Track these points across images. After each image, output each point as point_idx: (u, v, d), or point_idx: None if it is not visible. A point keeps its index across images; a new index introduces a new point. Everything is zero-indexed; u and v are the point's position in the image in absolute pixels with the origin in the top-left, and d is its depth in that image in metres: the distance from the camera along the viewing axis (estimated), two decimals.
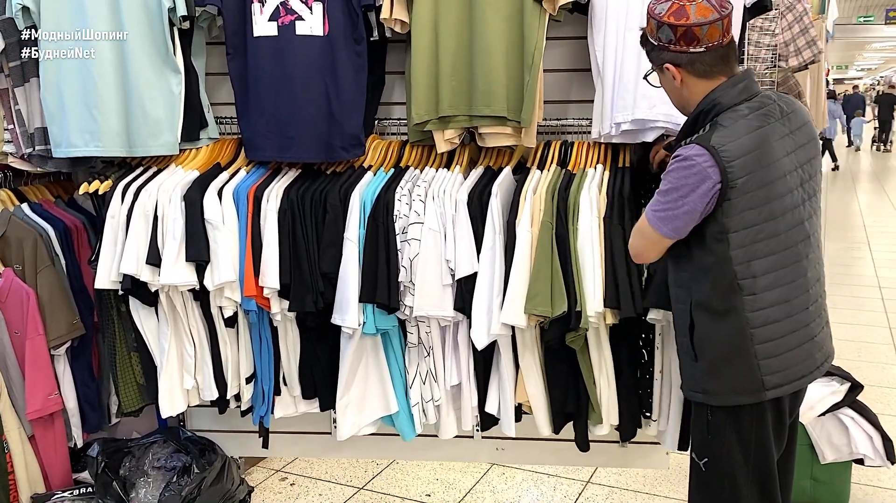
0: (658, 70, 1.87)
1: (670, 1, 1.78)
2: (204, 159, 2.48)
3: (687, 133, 1.83)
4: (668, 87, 1.89)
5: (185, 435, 2.79)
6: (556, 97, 2.50)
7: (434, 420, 2.46)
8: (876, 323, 5.10)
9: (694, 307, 1.84)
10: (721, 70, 1.80)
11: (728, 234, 1.75)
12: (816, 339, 1.88)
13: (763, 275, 1.78)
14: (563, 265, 2.18)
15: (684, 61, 1.79)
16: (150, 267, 2.28)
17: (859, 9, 18.99)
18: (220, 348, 2.45)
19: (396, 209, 2.28)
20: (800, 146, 1.82)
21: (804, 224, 1.83)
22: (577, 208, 2.20)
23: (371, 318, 2.29)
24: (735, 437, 1.87)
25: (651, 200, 1.83)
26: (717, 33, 1.77)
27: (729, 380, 1.84)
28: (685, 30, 1.76)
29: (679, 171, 1.75)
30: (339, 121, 2.34)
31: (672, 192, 1.76)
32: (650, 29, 1.83)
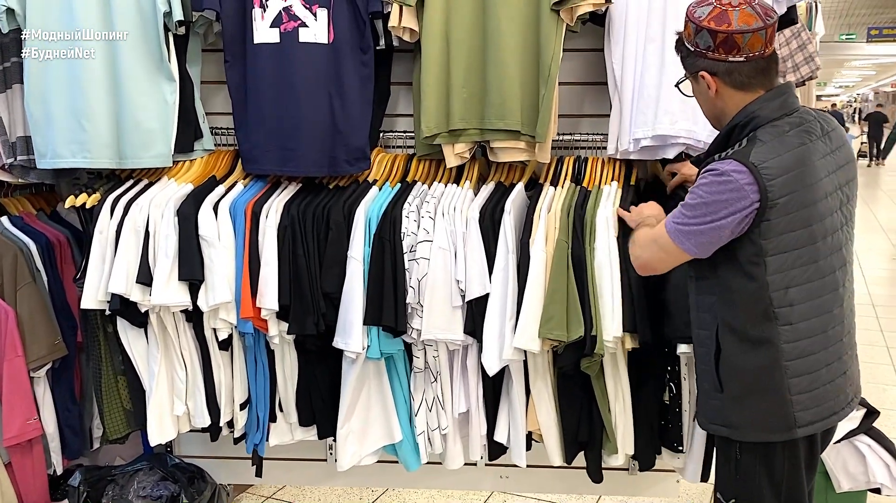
0: (692, 78, 1.75)
1: (712, 4, 1.66)
2: (198, 172, 2.36)
3: (720, 147, 1.71)
4: (700, 98, 1.77)
5: (172, 461, 2.65)
6: (568, 111, 2.41)
7: (440, 449, 2.34)
8: (874, 342, 5.05)
9: (721, 333, 1.72)
10: (760, 83, 1.68)
11: (766, 257, 1.64)
12: (848, 373, 1.78)
13: (800, 303, 1.67)
14: (579, 287, 2.08)
15: (721, 70, 1.68)
16: (141, 286, 2.16)
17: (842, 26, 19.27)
18: (213, 372, 2.32)
19: (404, 226, 2.16)
20: (840, 167, 1.72)
21: (842, 250, 1.73)
22: (594, 227, 2.10)
23: (376, 342, 2.17)
24: (766, 478, 1.75)
25: (673, 212, 1.72)
26: (759, 43, 1.65)
27: (757, 414, 1.72)
28: (726, 37, 1.64)
29: (713, 185, 1.62)
30: (343, 133, 2.23)
31: (702, 206, 1.64)
32: (687, 33, 1.71)
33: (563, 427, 2.27)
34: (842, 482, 2.66)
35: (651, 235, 1.79)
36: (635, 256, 1.85)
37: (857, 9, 16.85)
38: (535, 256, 2.10)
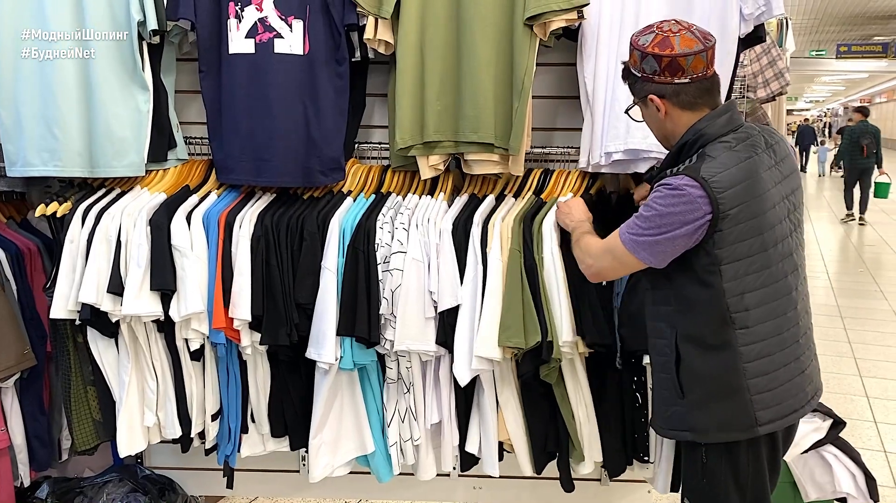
0: (641, 103, 1.83)
1: (654, 32, 1.76)
2: (171, 181, 2.35)
3: (671, 163, 1.79)
4: (650, 120, 1.85)
5: (142, 473, 2.63)
6: (541, 124, 2.44)
7: (412, 460, 2.34)
8: (842, 352, 5.14)
9: (680, 341, 1.79)
10: (705, 102, 1.77)
11: (720, 265, 1.71)
12: (807, 373, 1.85)
13: (755, 307, 1.74)
14: (533, 294, 2.11)
15: (669, 92, 1.76)
16: (112, 296, 2.14)
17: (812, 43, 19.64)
18: (184, 383, 2.30)
19: (378, 237, 2.17)
20: (785, 177, 1.80)
21: (793, 255, 1.81)
22: (541, 236, 2.13)
23: (349, 353, 2.17)
24: (732, 480, 1.81)
25: (627, 223, 1.78)
26: (701, 65, 1.74)
27: (720, 416, 1.78)
28: (670, 60, 1.73)
29: (667, 198, 1.70)
30: (318, 144, 2.23)
31: (656, 218, 1.71)
32: (633, 60, 1.80)
33: (530, 436, 2.29)
34: (809, 492, 2.70)
35: (604, 245, 1.84)
36: (587, 265, 1.90)
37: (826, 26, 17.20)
38: (492, 265, 2.13)
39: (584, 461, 2.30)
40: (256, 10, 2.18)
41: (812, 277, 7.45)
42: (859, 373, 4.73)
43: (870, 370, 4.79)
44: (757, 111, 5.13)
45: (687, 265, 1.74)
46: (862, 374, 4.71)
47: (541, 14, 2.09)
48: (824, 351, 5.07)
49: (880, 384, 4.56)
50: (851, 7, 14.81)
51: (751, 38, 2.20)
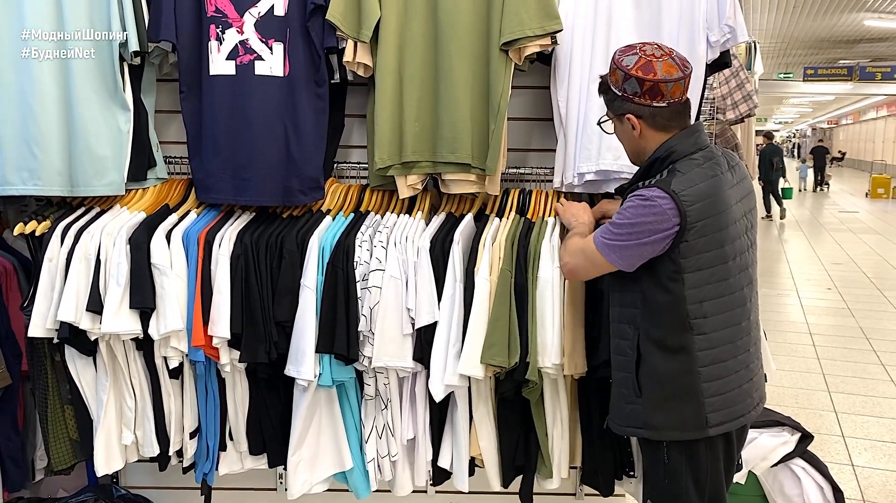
0: (616, 119, 1.92)
1: (637, 55, 1.83)
2: (151, 200, 2.36)
3: (641, 177, 1.89)
4: (623, 136, 1.94)
5: (118, 492, 2.61)
6: (516, 145, 2.49)
7: (390, 476, 2.36)
8: (811, 369, 5.24)
9: (642, 342, 1.87)
10: (677, 124, 1.87)
11: (683, 274, 1.80)
12: (754, 380, 1.96)
13: (713, 315, 1.84)
14: (519, 315, 2.15)
15: (646, 114, 1.85)
16: (91, 314, 2.14)
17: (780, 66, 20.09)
18: (163, 401, 2.31)
19: (357, 255, 2.20)
20: (744, 196, 1.91)
21: (748, 269, 1.92)
22: (539, 257, 2.17)
23: (328, 370, 2.19)
24: (691, 478, 1.90)
25: (601, 228, 1.89)
26: (678, 91, 1.84)
27: (675, 416, 1.87)
28: (652, 85, 1.82)
29: (639, 208, 1.79)
30: (298, 164, 2.26)
31: (627, 226, 1.81)
32: (615, 79, 1.87)
33: (501, 451, 2.32)
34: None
35: (580, 245, 1.94)
36: (564, 262, 2.01)
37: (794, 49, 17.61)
38: (480, 285, 2.16)
39: (552, 478, 2.34)
40: (237, 32, 2.22)
41: (782, 295, 7.59)
42: (828, 389, 4.83)
43: (838, 386, 4.89)
44: (726, 132, 5.26)
45: (652, 271, 1.84)
46: (830, 390, 4.81)
47: (516, 39, 2.16)
48: (793, 367, 5.21)
49: (848, 399, 4.65)
50: (818, 31, 15.20)
51: (717, 63, 2.28)
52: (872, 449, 3.94)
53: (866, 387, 4.88)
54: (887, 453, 3.89)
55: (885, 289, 7.96)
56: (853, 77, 17.68)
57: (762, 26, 14.30)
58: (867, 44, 16.61)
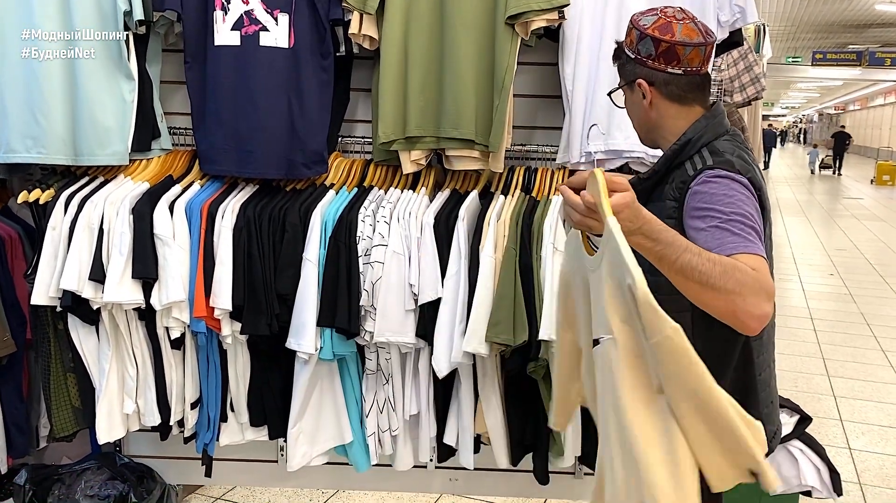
0: (627, 87, 1.72)
1: (657, 15, 1.66)
2: (155, 171, 2.36)
3: (670, 161, 1.63)
4: (633, 107, 1.73)
5: (121, 461, 2.63)
6: (522, 122, 2.48)
7: (390, 451, 2.37)
8: (811, 353, 5.25)
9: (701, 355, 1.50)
10: (695, 98, 1.66)
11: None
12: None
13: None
14: (526, 293, 2.14)
15: (659, 80, 1.64)
16: (93, 283, 2.15)
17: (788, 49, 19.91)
18: (164, 371, 2.32)
19: (359, 230, 2.20)
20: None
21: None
22: (542, 235, 2.17)
23: (329, 344, 2.20)
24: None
25: (723, 236, 1.42)
26: (697, 59, 1.63)
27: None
28: (668, 46, 1.62)
29: (731, 186, 1.49)
30: (301, 137, 2.26)
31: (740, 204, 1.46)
32: (630, 40, 1.69)
33: (509, 430, 2.33)
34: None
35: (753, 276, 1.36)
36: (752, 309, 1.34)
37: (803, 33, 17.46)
38: (485, 263, 2.15)
39: (564, 456, 2.35)
40: (242, 2, 2.20)
41: (784, 280, 7.58)
42: (827, 373, 4.84)
43: (837, 370, 4.90)
44: (733, 115, 5.23)
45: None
46: (830, 374, 4.82)
47: (522, 13, 2.14)
48: (794, 351, 5.21)
49: (847, 384, 4.67)
50: (828, 15, 15.06)
51: (728, 42, 2.26)
52: (870, 433, 3.95)
53: (866, 373, 4.89)
54: (884, 437, 3.90)
55: (887, 276, 7.95)
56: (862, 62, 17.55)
57: (771, 9, 14.17)
58: (877, 28, 16.45)
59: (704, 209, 1.48)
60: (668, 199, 1.60)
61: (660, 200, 1.63)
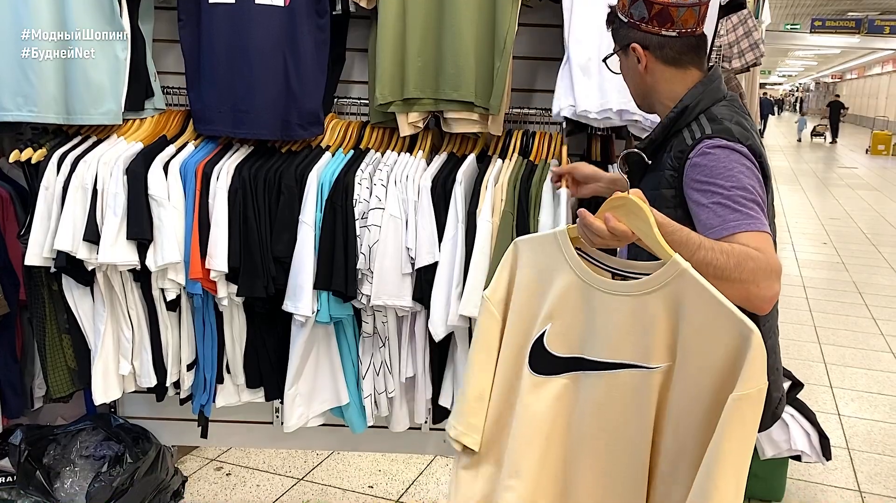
0: (622, 52, 1.69)
1: None
2: (149, 131, 2.33)
3: (667, 128, 1.62)
4: (629, 73, 1.71)
5: (116, 422, 2.64)
6: (521, 85, 2.45)
7: (386, 412, 2.39)
8: (803, 321, 5.29)
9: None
10: (691, 61, 1.64)
11: None
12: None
13: None
14: None
15: (653, 44, 1.62)
16: (88, 244, 2.13)
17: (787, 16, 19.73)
18: (160, 332, 2.31)
19: (356, 193, 2.18)
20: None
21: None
22: (539, 200, 2.15)
23: (326, 306, 2.20)
24: None
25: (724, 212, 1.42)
26: (692, 20, 1.62)
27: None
28: (661, 8, 1.60)
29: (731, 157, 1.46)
30: (297, 97, 2.22)
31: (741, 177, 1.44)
32: (622, 3, 1.67)
33: None
34: (766, 449, 2.81)
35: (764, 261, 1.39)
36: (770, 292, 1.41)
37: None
38: (482, 227, 2.14)
39: None
40: None
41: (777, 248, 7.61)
42: (818, 341, 4.88)
43: (829, 338, 4.94)
44: (731, 81, 5.19)
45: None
46: (821, 342, 4.87)
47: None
48: (785, 318, 5.24)
49: (838, 351, 4.71)
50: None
51: (731, 5, 2.23)
52: (859, 399, 4.00)
53: (856, 340, 4.94)
54: (873, 404, 3.95)
55: (879, 245, 8.00)
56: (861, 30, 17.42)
57: None
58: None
59: (705, 183, 1.47)
60: (666, 168, 1.59)
61: (658, 170, 1.62)
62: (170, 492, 2.70)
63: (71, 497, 2.48)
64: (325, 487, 2.96)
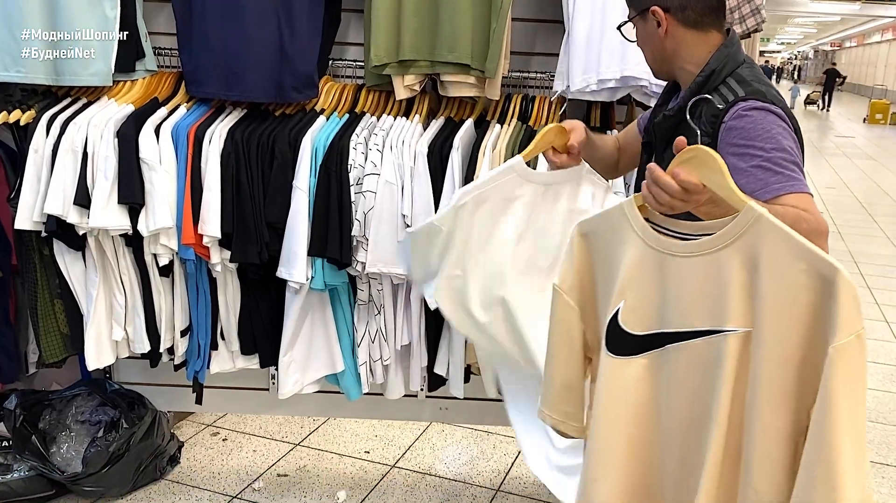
0: (639, 17, 1.61)
1: None
2: (140, 93, 2.28)
3: (694, 94, 1.53)
4: (646, 40, 1.63)
5: (111, 387, 2.64)
6: (519, 48, 2.40)
7: (381, 380, 2.38)
8: None
9: None
10: (712, 23, 1.56)
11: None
12: None
13: None
14: None
15: (675, 5, 1.54)
16: (78, 208, 2.10)
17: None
18: (153, 298, 2.29)
19: (351, 158, 2.15)
20: None
21: None
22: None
23: (320, 273, 2.18)
24: None
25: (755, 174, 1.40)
26: None
27: None
28: None
29: (767, 120, 1.42)
30: (291, 58, 2.18)
31: (779, 139, 1.40)
32: None
33: None
34: None
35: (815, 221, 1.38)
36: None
37: None
38: None
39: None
40: None
41: None
42: None
43: None
44: None
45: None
46: None
47: None
48: None
49: None
50: None
51: None
52: None
53: None
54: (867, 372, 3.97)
55: (875, 215, 7.99)
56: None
57: None
58: None
59: (743, 146, 1.42)
60: (695, 136, 1.46)
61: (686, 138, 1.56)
62: (166, 457, 2.71)
63: (67, 461, 2.48)
64: (322, 453, 2.97)
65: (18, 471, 2.44)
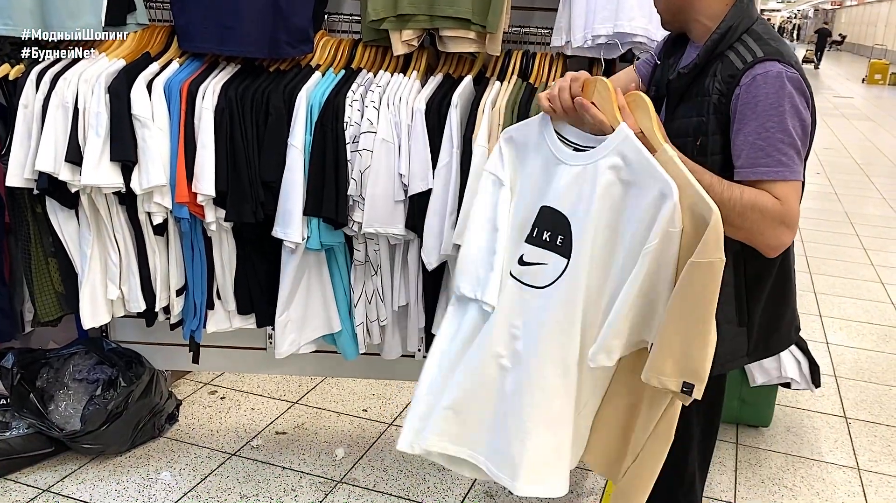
0: None
1: None
2: (131, 48, 2.23)
3: (710, 51, 1.52)
4: None
5: (108, 346, 2.63)
6: (520, 2, 2.35)
7: (378, 340, 2.38)
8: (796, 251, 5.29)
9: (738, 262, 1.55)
10: None
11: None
12: None
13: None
14: None
15: None
16: (70, 165, 2.06)
17: None
18: (147, 257, 2.27)
19: (347, 115, 2.11)
20: None
21: None
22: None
23: (316, 233, 2.15)
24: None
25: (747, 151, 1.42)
26: None
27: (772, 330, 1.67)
28: None
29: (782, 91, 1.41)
30: (285, 12, 2.12)
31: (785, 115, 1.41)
32: None
33: None
34: (756, 376, 2.83)
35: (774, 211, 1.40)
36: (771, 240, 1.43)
37: None
38: (477, 152, 2.07)
39: None
40: None
41: None
42: (809, 271, 4.89)
43: (819, 268, 4.96)
44: None
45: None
46: (812, 271, 4.88)
47: None
48: None
49: (828, 281, 4.73)
50: None
51: None
52: (847, 328, 4.04)
53: (846, 270, 4.96)
54: (861, 332, 3.99)
55: (872, 176, 7.97)
56: None
57: None
58: None
59: (749, 115, 1.44)
60: (713, 93, 1.50)
61: (699, 96, 1.53)
62: (164, 415, 2.72)
63: (66, 419, 2.49)
64: (320, 411, 2.98)
65: (17, 428, 2.45)
